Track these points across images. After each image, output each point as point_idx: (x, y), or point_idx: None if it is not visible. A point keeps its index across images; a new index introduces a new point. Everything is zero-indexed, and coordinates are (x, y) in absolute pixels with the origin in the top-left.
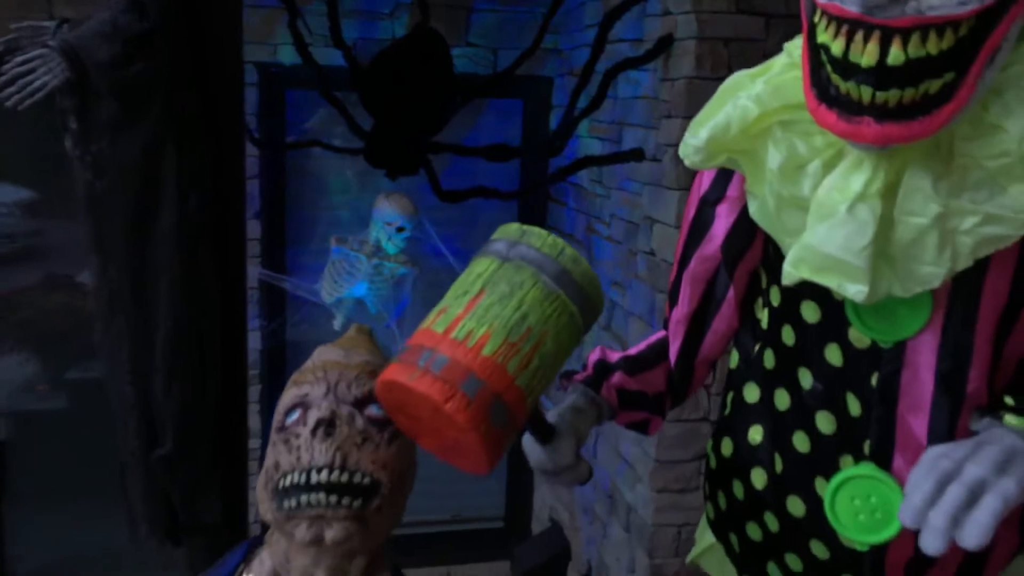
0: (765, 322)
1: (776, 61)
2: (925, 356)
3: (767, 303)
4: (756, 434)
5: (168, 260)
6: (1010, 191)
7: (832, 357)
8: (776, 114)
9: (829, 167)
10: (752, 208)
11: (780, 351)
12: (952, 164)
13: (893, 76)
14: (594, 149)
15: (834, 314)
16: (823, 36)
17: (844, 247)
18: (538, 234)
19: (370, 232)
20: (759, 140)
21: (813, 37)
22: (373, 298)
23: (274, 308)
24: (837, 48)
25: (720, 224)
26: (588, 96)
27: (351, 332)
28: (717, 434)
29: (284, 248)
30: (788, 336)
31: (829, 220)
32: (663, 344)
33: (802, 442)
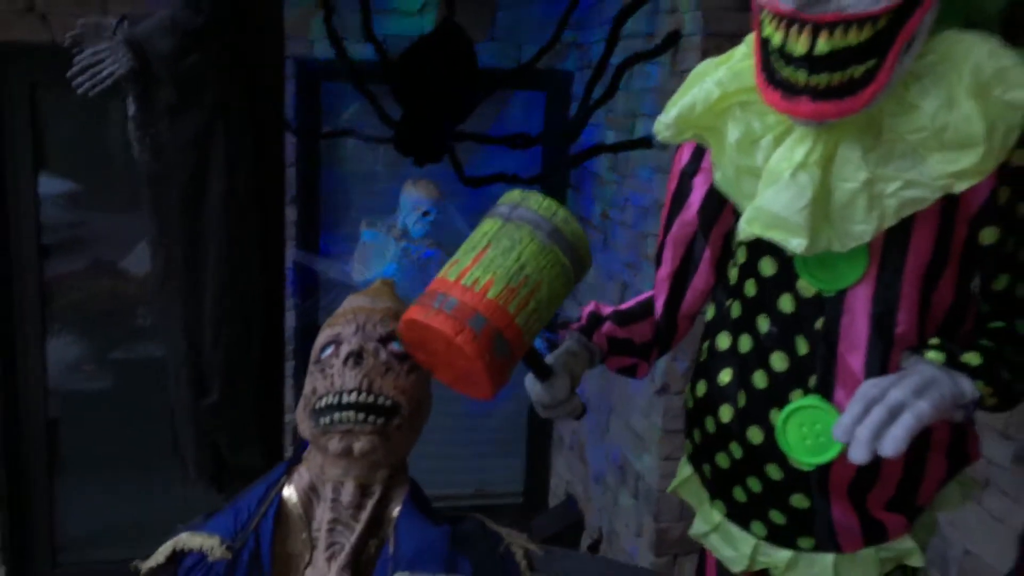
0: (734, 278)
1: (737, 50)
2: (862, 303)
3: (736, 262)
4: (725, 375)
5: (216, 229)
6: (928, 161)
7: (785, 305)
8: (735, 96)
9: (779, 141)
10: (716, 176)
11: (744, 302)
12: (880, 138)
13: (822, 62)
14: (609, 138)
15: (787, 268)
16: (767, 30)
17: (787, 207)
18: (535, 198)
19: (398, 216)
20: (721, 118)
21: (761, 30)
22: (401, 278)
23: (308, 289)
24: (777, 40)
25: (697, 193)
26: (604, 88)
27: (376, 284)
28: (694, 378)
29: (318, 232)
30: (750, 288)
31: (775, 185)
32: (650, 301)
33: (761, 379)
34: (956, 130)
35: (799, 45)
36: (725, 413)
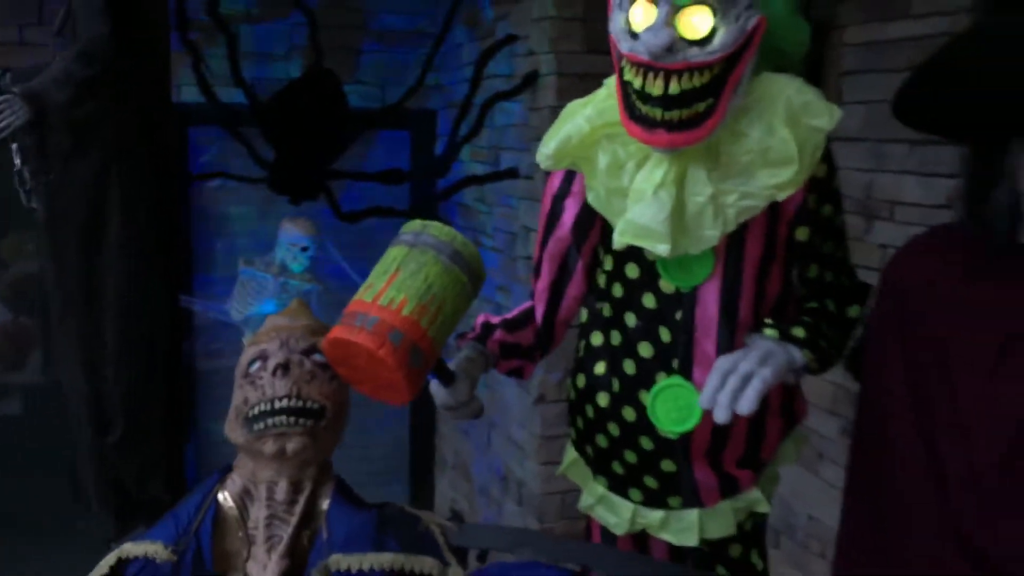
0: (603, 283)
1: (599, 93)
2: (712, 295)
3: (604, 269)
4: (600, 367)
5: (115, 267)
6: (756, 176)
7: (648, 302)
8: (602, 129)
9: (640, 165)
10: (590, 197)
11: (613, 302)
12: (719, 160)
13: (674, 101)
14: (476, 171)
15: (649, 270)
16: (628, 75)
17: (652, 219)
18: (436, 227)
19: (276, 253)
20: (592, 148)
21: (622, 75)
22: None
23: (185, 331)
24: (637, 83)
25: (568, 213)
26: (468, 125)
27: (293, 304)
28: (573, 373)
29: (191, 274)
30: (618, 290)
31: (641, 202)
32: (531, 310)
33: (631, 366)
34: (776, 151)
35: (655, 88)
36: (602, 399)
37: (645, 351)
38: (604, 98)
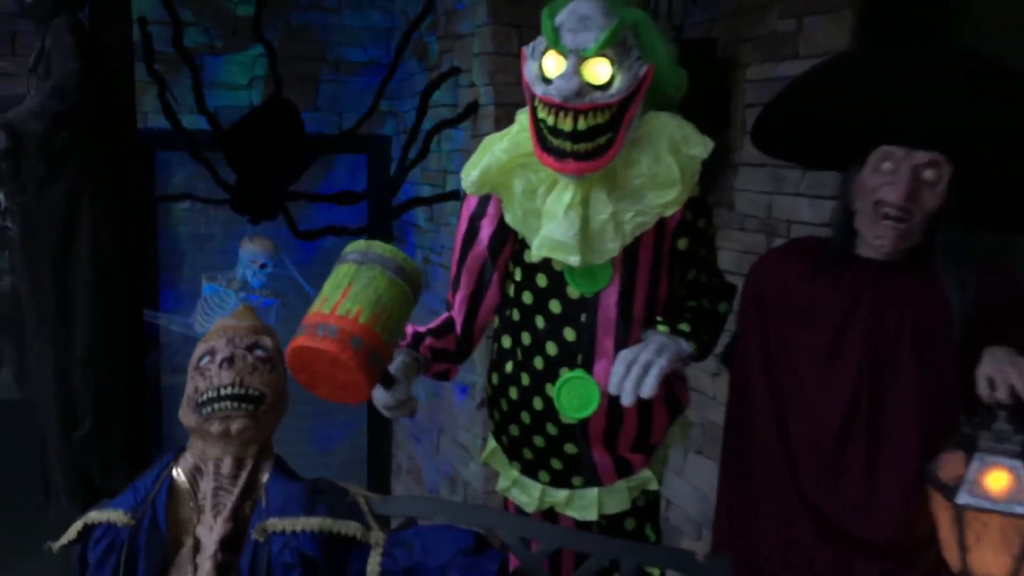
0: (512, 292)
1: (512, 128)
2: (612, 298)
3: (514, 280)
4: (510, 366)
5: (85, 282)
6: (647, 196)
7: (555, 308)
8: (518, 159)
9: (549, 189)
10: (508, 218)
11: (522, 309)
12: (616, 184)
13: (581, 136)
14: (425, 192)
15: (557, 280)
16: (541, 114)
17: (564, 235)
18: (380, 246)
19: (237, 270)
20: (508, 176)
21: (535, 113)
22: None
23: (150, 343)
24: (550, 121)
25: (484, 232)
26: (418, 150)
27: (240, 308)
28: (488, 373)
29: (157, 290)
30: (528, 298)
31: (554, 221)
32: (450, 320)
33: (539, 363)
34: (663, 176)
35: (566, 124)
36: (514, 393)
37: (551, 350)
38: (517, 132)
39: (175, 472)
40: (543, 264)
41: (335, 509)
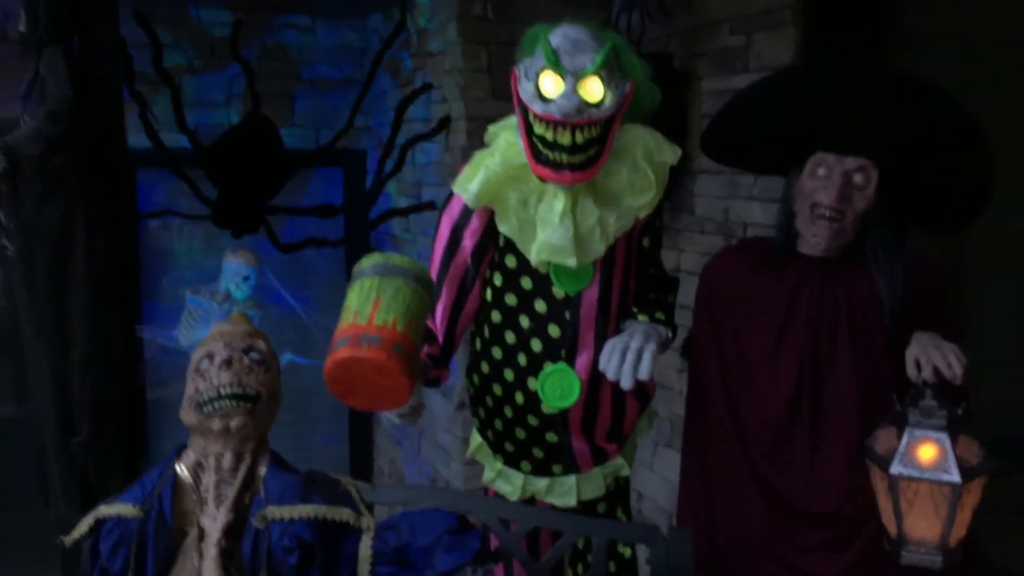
0: (490, 297)
1: (498, 145)
2: (593, 295)
3: (493, 285)
4: (491, 365)
5: (81, 293)
6: (626, 201)
7: (540, 307)
8: (512, 171)
9: (540, 198)
10: (504, 228)
11: (505, 311)
12: (599, 191)
13: (578, 148)
14: (401, 204)
15: (541, 281)
16: (539, 129)
17: (561, 240)
18: (397, 258)
19: (220, 282)
20: (504, 187)
21: (530, 127)
22: None
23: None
24: (549, 136)
25: (467, 241)
26: (394, 163)
27: (234, 315)
28: (469, 369)
29: (140, 303)
30: (511, 300)
31: (550, 227)
32: (433, 327)
33: (523, 359)
34: (640, 182)
35: (564, 139)
36: (498, 388)
37: (536, 346)
38: (506, 148)
39: (178, 468)
40: (526, 267)
41: (329, 497)
